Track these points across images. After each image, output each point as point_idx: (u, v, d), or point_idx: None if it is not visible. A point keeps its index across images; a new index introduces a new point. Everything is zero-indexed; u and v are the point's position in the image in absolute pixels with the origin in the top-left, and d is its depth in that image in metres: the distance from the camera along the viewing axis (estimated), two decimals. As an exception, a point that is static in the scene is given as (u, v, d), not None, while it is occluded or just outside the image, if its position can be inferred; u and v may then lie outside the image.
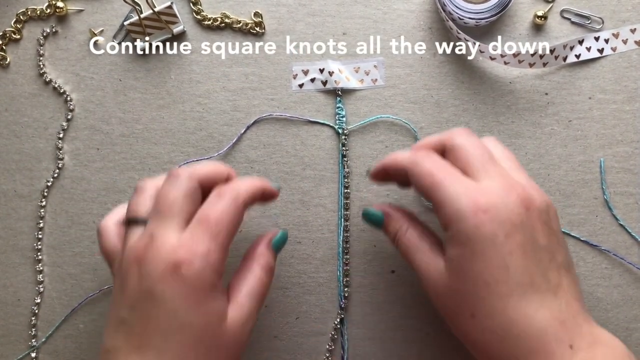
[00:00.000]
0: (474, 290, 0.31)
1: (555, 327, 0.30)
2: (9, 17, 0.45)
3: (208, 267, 0.31)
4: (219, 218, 0.32)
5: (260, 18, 0.44)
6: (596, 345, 0.31)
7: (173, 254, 0.31)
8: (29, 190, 0.45)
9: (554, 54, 0.43)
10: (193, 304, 0.31)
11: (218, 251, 0.32)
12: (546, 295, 0.31)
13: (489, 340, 0.31)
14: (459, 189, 0.32)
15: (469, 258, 0.31)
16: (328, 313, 0.44)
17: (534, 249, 0.31)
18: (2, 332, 0.44)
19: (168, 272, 0.31)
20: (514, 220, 0.31)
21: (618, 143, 0.43)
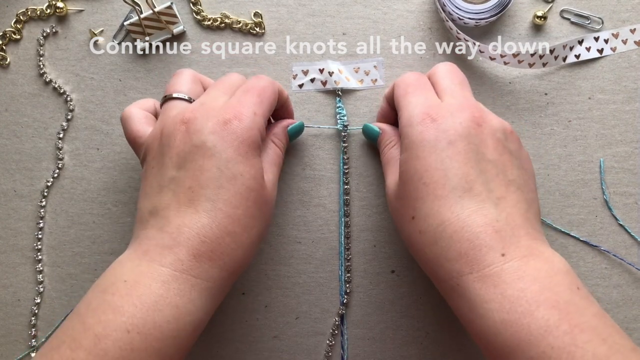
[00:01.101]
0: (414, 192, 0.33)
1: (489, 234, 0.31)
2: (9, 17, 0.45)
3: (255, 126, 0.34)
4: (263, 88, 0.36)
5: (260, 18, 0.44)
6: (531, 257, 0.31)
7: (223, 111, 0.34)
8: (29, 190, 0.45)
9: (554, 54, 0.43)
10: (244, 156, 0.33)
11: (261, 115, 0.35)
12: (485, 204, 0.32)
13: (424, 242, 0.32)
14: (420, 99, 0.35)
15: (412, 161, 0.33)
16: (328, 313, 0.44)
17: (477, 159, 0.33)
18: (2, 332, 0.44)
19: (219, 126, 0.34)
20: (459, 131, 0.33)
21: (618, 143, 0.43)
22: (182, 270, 0.32)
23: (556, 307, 0.28)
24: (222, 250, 0.33)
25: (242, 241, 0.33)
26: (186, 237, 0.32)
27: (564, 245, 0.43)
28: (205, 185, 0.33)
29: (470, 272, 0.30)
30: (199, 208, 0.33)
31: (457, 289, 0.31)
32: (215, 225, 0.32)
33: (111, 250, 0.44)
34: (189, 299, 0.31)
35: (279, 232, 0.44)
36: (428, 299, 0.43)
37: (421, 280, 0.43)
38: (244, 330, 0.43)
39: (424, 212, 0.32)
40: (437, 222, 0.32)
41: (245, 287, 0.44)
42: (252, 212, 0.34)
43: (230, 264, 0.33)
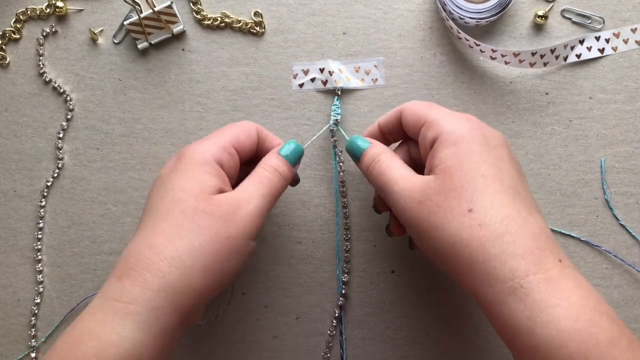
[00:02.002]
0: (472, 183, 0.31)
1: (546, 238, 0.30)
2: (9, 17, 0.45)
3: (201, 147, 0.35)
4: (232, 124, 0.37)
5: (260, 18, 0.44)
6: (577, 269, 0.31)
7: (182, 148, 0.36)
8: (29, 190, 0.45)
9: (555, 54, 0.43)
10: (177, 172, 0.34)
11: (214, 142, 0.35)
12: (532, 207, 0.32)
13: (485, 236, 0.30)
14: (452, 112, 0.35)
15: (465, 154, 0.32)
16: (328, 313, 0.43)
17: (518, 169, 0.33)
18: (2, 332, 0.44)
19: (172, 159, 0.35)
20: (499, 137, 0.34)
21: (619, 143, 0.43)
22: (107, 296, 0.30)
23: (614, 320, 0.28)
24: (142, 265, 0.30)
25: (166, 253, 0.31)
26: (117, 261, 0.32)
27: (565, 245, 0.43)
28: (146, 211, 0.33)
29: (537, 272, 0.29)
30: (136, 234, 0.33)
31: (520, 291, 0.28)
32: (137, 241, 0.32)
33: (111, 250, 0.44)
34: (111, 328, 0.29)
35: (279, 232, 0.44)
36: (428, 299, 0.43)
37: (421, 280, 0.43)
38: (244, 330, 0.43)
39: (485, 204, 0.30)
40: (501, 215, 0.30)
41: (245, 287, 0.44)
42: (180, 223, 0.31)
43: (152, 279, 0.30)
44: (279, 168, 0.36)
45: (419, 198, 0.32)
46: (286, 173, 0.36)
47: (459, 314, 0.43)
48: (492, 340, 0.43)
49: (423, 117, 0.35)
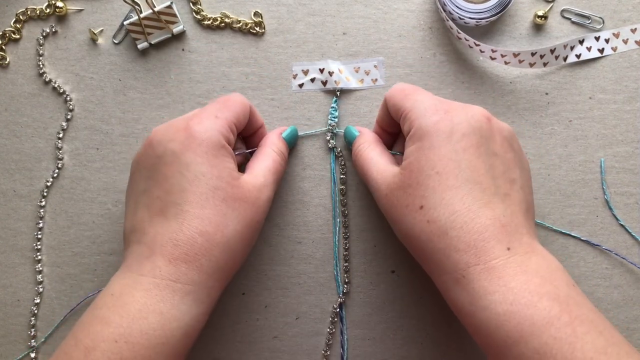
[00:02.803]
0: (425, 181, 0.33)
1: (497, 228, 0.31)
2: (9, 17, 0.45)
3: (215, 127, 0.35)
4: (228, 97, 0.38)
5: (260, 18, 0.44)
6: (532, 253, 0.31)
7: (183, 119, 0.36)
8: (29, 190, 0.45)
9: (555, 54, 0.43)
10: (203, 157, 0.34)
11: (224, 119, 0.36)
12: (493, 198, 0.32)
13: (433, 232, 0.32)
14: (426, 96, 0.36)
15: (424, 150, 0.33)
16: (328, 313, 0.43)
17: (487, 154, 0.33)
18: (2, 332, 0.44)
19: (179, 133, 0.35)
20: (472, 124, 0.33)
21: (618, 143, 0.43)
22: (161, 276, 0.32)
23: (557, 299, 0.29)
24: (197, 251, 0.33)
25: (217, 240, 0.33)
26: (160, 244, 0.33)
27: (565, 245, 0.43)
28: (171, 191, 0.34)
29: (477, 264, 0.31)
30: (167, 214, 0.33)
31: (462, 281, 0.31)
32: (185, 228, 0.33)
33: (111, 250, 0.44)
34: (172, 305, 0.32)
35: (279, 232, 0.44)
36: (428, 299, 0.43)
37: (421, 280, 0.43)
38: (244, 330, 0.43)
39: (435, 201, 0.32)
40: (448, 212, 0.32)
41: (245, 287, 0.44)
42: (223, 210, 0.34)
43: (208, 264, 0.33)
44: (283, 150, 0.40)
45: (385, 191, 0.35)
46: (286, 155, 0.40)
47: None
48: (492, 340, 0.43)
49: (401, 108, 0.36)
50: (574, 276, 0.43)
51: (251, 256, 0.44)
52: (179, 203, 0.33)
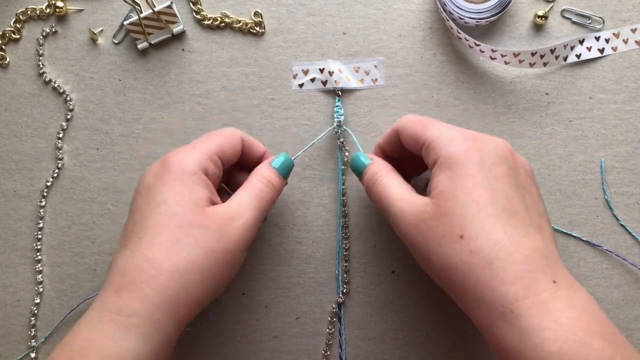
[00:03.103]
0: (463, 209, 0.31)
1: (540, 259, 0.30)
2: (9, 17, 0.45)
3: (188, 155, 0.35)
4: (216, 131, 0.38)
5: (260, 18, 0.44)
6: (575, 287, 0.30)
7: (167, 154, 0.36)
8: (29, 190, 0.45)
9: (555, 54, 0.43)
10: (170, 184, 0.33)
11: (201, 150, 0.35)
12: (529, 229, 0.31)
13: (475, 263, 0.30)
14: (449, 126, 0.35)
15: (458, 178, 0.32)
16: (328, 313, 0.43)
17: (517, 185, 0.32)
18: (2, 332, 0.44)
19: (158, 165, 0.35)
20: (499, 154, 0.33)
21: (619, 143, 0.43)
22: (106, 309, 0.31)
23: (607, 338, 0.28)
24: (142, 279, 0.31)
25: (164, 267, 0.31)
26: (112, 274, 0.32)
27: (565, 245, 0.43)
28: (136, 221, 0.33)
29: (526, 297, 0.29)
30: (127, 244, 0.33)
31: (510, 316, 0.29)
32: (134, 255, 0.32)
33: (111, 250, 0.44)
34: (113, 341, 0.29)
35: (279, 233, 0.44)
36: (428, 299, 0.43)
37: (421, 281, 0.43)
38: (244, 330, 0.43)
39: (476, 230, 0.30)
40: (491, 241, 0.30)
41: (245, 287, 0.44)
42: (177, 237, 0.32)
43: (152, 293, 0.31)
44: (272, 180, 0.37)
45: (415, 221, 0.33)
46: (278, 184, 0.37)
47: (459, 314, 0.43)
48: (492, 340, 0.43)
49: (421, 139, 0.35)
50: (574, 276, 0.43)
51: (251, 256, 0.44)
52: (137, 231, 0.33)
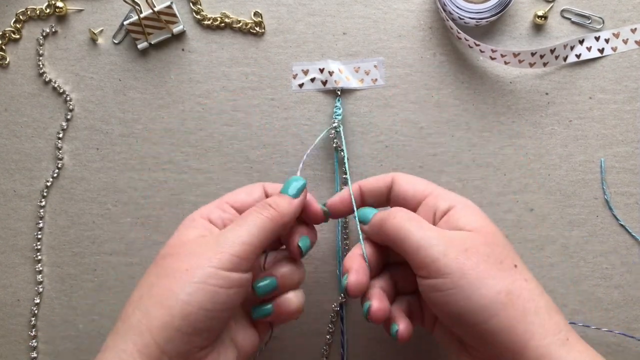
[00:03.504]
0: (507, 245, 0.33)
1: (556, 315, 0.31)
2: (9, 17, 0.45)
3: (193, 213, 0.35)
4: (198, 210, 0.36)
5: (260, 18, 0.44)
6: (580, 343, 0.31)
7: None
8: (29, 190, 0.45)
9: (554, 54, 0.43)
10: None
11: (207, 205, 0.35)
12: (532, 282, 0.32)
13: (532, 290, 0.31)
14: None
15: (489, 221, 0.34)
16: (328, 313, 0.43)
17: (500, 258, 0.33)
18: (2, 332, 0.44)
19: None
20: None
21: (618, 143, 0.43)
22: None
23: None
24: (122, 313, 0.32)
25: (133, 298, 0.31)
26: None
27: (565, 245, 0.43)
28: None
29: (570, 330, 0.31)
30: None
31: (568, 343, 0.30)
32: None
33: (111, 250, 0.44)
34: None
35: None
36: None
37: (421, 281, 0.43)
38: (244, 330, 0.43)
39: (522, 263, 0.33)
40: (536, 279, 0.32)
41: (245, 287, 0.44)
42: (148, 270, 0.32)
43: (121, 326, 0.30)
44: (269, 204, 0.34)
45: (465, 246, 0.31)
46: (279, 207, 0.34)
47: (459, 314, 0.43)
48: (492, 340, 0.43)
49: (426, 190, 0.35)
50: (574, 276, 0.43)
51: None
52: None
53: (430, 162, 0.44)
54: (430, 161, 0.44)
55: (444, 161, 0.44)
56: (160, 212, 0.44)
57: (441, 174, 0.44)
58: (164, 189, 0.44)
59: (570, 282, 0.43)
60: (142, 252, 0.44)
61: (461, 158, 0.44)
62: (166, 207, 0.44)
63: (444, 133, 0.44)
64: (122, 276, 0.44)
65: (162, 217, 0.44)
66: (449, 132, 0.44)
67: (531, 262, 0.43)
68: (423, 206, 0.35)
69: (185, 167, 0.44)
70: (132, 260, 0.44)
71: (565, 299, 0.43)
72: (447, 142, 0.44)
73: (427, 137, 0.44)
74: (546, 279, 0.43)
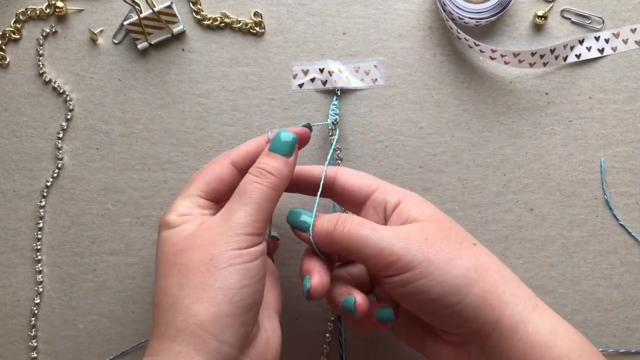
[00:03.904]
0: (460, 229, 0.35)
1: (522, 284, 0.34)
2: (9, 17, 0.45)
3: (171, 207, 0.34)
4: (192, 180, 0.35)
5: (260, 18, 0.44)
6: (547, 308, 0.33)
7: None
8: (29, 190, 0.45)
9: (554, 54, 0.43)
10: (159, 236, 0.33)
11: (179, 199, 0.34)
12: (493, 257, 0.34)
13: (494, 263, 0.33)
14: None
15: (438, 210, 0.36)
16: (328, 313, 0.43)
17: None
18: (2, 332, 0.44)
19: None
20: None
21: (618, 143, 0.43)
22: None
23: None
24: (156, 320, 0.31)
25: (163, 304, 0.31)
26: None
27: (565, 245, 0.43)
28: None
29: (537, 297, 0.33)
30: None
31: (537, 308, 0.32)
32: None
33: (111, 250, 0.44)
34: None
35: (279, 232, 0.44)
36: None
37: (421, 281, 0.43)
38: (244, 330, 0.43)
39: (478, 241, 0.34)
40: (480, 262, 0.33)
41: (245, 287, 0.44)
42: (164, 272, 0.31)
43: (166, 332, 0.30)
44: (265, 171, 0.33)
45: (424, 236, 0.32)
46: (276, 171, 0.33)
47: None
48: (492, 340, 0.43)
49: (372, 185, 0.36)
50: (574, 276, 0.43)
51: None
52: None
53: (430, 162, 0.44)
54: (430, 161, 0.44)
55: (444, 161, 0.44)
56: (160, 212, 0.44)
57: (441, 174, 0.44)
58: (164, 189, 0.44)
59: (570, 282, 0.43)
60: (142, 252, 0.44)
61: (461, 158, 0.44)
62: (166, 207, 0.44)
63: (443, 133, 0.44)
64: (122, 276, 0.44)
65: (162, 217, 0.44)
66: (448, 132, 0.44)
67: (531, 262, 0.43)
68: (372, 201, 0.36)
69: (185, 167, 0.44)
70: (132, 260, 0.44)
71: (565, 299, 0.43)
72: (447, 142, 0.44)
73: (427, 137, 0.44)
74: (546, 279, 0.43)
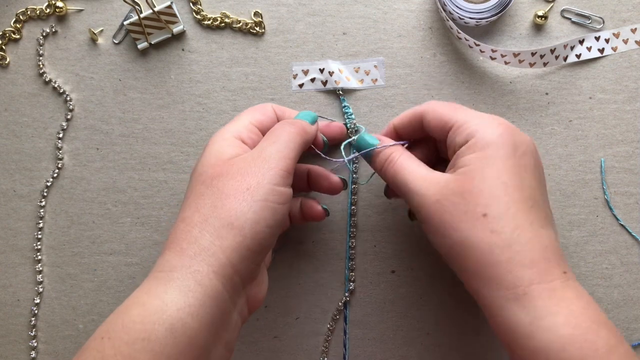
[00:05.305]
0: (489, 189, 0.32)
1: (555, 250, 0.31)
2: (9, 17, 0.45)
3: (222, 131, 0.37)
4: (242, 113, 0.39)
5: (260, 18, 0.44)
6: (577, 282, 0.32)
7: None
8: (29, 190, 0.45)
9: (555, 54, 0.43)
10: (202, 155, 0.35)
11: (232, 124, 0.37)
12: (547, 222, 0.32)
13: (495, 243, 0.31)
14: (479, 112, 0.35)
15: (489, 159, 0.32)
16: (328, 313, 0.43)
17: (540, 179, 0.34)
18: (2, 332, 0.44)
19: None
20: (529, 146, 0.34)
21: (618, 143, 0.43)
22: (153, 271, 0.32)
23: (611, 331, 0.30)
24: (178, 236, 0.32)
25: (195, 221, 0.32)
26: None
27: (565, 245, 0.43)
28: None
29: (540, 282, 0.30)
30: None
31: (523, 298, 0.30)
32: (177, 220, 0.33)
33: (111, 250, 0.44)
34: (155, 295, 0.30)
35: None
36: (428, 299, 0.43)
37: (421, 280, 0.43)
38: (244, 330, 0.43)
39: (500, 211, 0.31)
40: (513, 225, 0.31)
41: (245, 287, 0.44)
42: (201, 191, 0.33)
43: (189, 247, 0.31)
44: (293, 121, 0.37)
45: (436, 196, 0.33)
46: (301, 124, 0.37)
47: (459, 314, 0.43)
48: (492, 340, 0.43)
49: (450, 121, 0.35)
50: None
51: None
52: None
53: (430, 162, 0.44)
54: (430, 161, 0.44)
55: (444, 161, 0.44)
56: (160, 212, 0.44)
57: (441, 174, 0.44)
58: (164, 189, 0.44)
59: (570, 282, 0.43)
60: (142, 252, 0.44)
61: (461, 158, 0.44)
62: (166, 207, 0.44)
63: (444, 133, 0.44)
64: (122, 276, 0.44)
65: (162, 217, 0.44)
66: (449, 132, 0.44)
67: (531, 262, 0.43)
68: (449, 139, 0.36)
69: (185, 167, 0.44)
70: (132, 260, 0.44)
71: (565, 299, 0.43)
72: (447, 142, 0.44)
73: (427, 137, 0.44)
74: (546, 279, 0.43)
